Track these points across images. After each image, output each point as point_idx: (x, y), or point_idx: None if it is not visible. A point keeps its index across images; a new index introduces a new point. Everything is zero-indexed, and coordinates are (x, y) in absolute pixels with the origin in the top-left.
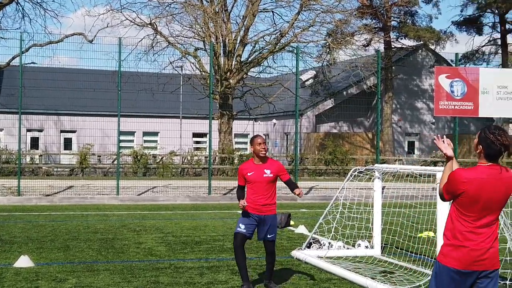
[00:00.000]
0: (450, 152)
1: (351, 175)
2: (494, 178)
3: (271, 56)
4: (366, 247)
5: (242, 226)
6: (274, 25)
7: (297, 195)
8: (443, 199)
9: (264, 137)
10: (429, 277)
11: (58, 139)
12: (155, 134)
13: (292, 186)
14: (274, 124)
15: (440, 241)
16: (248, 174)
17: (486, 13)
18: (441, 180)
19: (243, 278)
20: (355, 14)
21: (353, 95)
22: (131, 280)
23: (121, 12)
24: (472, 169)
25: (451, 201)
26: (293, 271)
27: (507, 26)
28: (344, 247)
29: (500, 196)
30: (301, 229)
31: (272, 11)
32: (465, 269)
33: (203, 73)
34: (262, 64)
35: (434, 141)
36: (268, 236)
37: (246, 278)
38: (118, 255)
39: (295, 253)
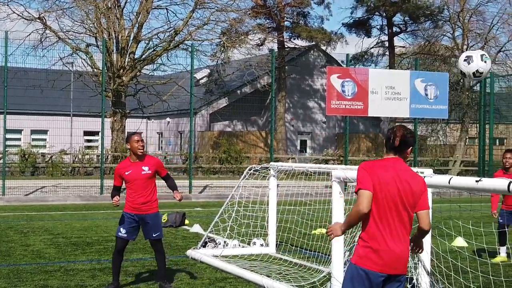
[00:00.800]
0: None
1: (246, 173)
2: (399, 168)
3: (165, 54)
4: (261, 245)
5: (123, 231)
6: (169, 22)
7: (178, 200)
8: (361, 216)
9: (141, 134)
10: (323, 274)
11: None
12: (44, 132)
13: (170, 182)
14: (168, 122)
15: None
16: (126, 173)
17: (374, 15)
18: (349, 217)
19: (114, 277)
20: (249, 14)
21: (247, 94)
22: (18, 284)
23: (7, 5)
24: (377, 160)
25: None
26: (188, 270)
27: (394, 28)
28: (239, 245)
29: (407, 188)
30: (196, 228)
31: (167, 9)
32: (381, 271)
33: (95, 69)
34: (156, 62)
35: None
36: (153, 235)
37: (116, 278)
38: (4, 259)
39: (190, 253)
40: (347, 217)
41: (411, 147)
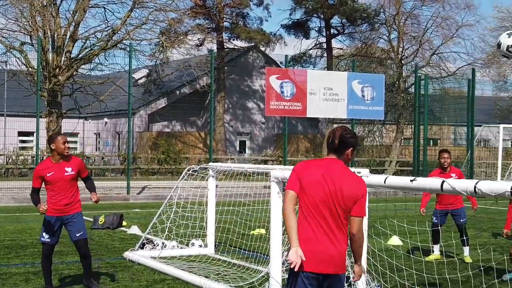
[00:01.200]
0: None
1: (185, 174)
2: (334, 169)
3: (103, 53)
4: (200, 246)
5: (46, 236)
6: (106, 21)
7: (95, 202)
8: (289, 213)
9: (65, 135)
10: (262, 274)
11: None
12: None
13: (89, 184)
14: (106, 123)
15: (273, 238)
16: (48, 174)
17: (312, 17)
18: (285, 221)
19: (46, 282)
20: (189, 14)
21: (186, 94)
22: None
23: None
24: (315, 159)
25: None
26: (126, 273)
27: (332, 30)
28: (178, 246)
29: (338, 190)
30: (134, 230)
31: (104, 7)
32: (318, 271)
33: (30, 69)
34: (93, 61)
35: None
36: (77, 234)
37: (49, 281)
38: None
39: (128, 254)
40: (286, 227)
41: (351, 148)
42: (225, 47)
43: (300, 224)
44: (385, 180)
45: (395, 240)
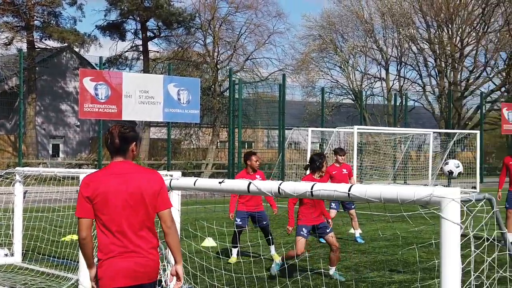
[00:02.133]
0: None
1: None
2: (125, 172)
3: None
4: (6, 255)
5: None
6: None
7: None
8: (86, 242)
9: None
10: (72, 281)
11: None
12: None
13: None
14: None
15: None
16: None
17: (128, 19)
18: (81, 251)
19: None
20: None
21: None
22: None
23: None
24: (102, 168)
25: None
26: None
27: (148, 33)
28: None
29: (137, 191)
30: None
31: None
32: (123, 285)
33: None
34: None
35: None
36: None
37: None
38: None
39: None
40: (83, 255)
41: (134, 142)
42: (36, 47)
43: (100, 242)
44: (195, 182)
45: (209, 242)
